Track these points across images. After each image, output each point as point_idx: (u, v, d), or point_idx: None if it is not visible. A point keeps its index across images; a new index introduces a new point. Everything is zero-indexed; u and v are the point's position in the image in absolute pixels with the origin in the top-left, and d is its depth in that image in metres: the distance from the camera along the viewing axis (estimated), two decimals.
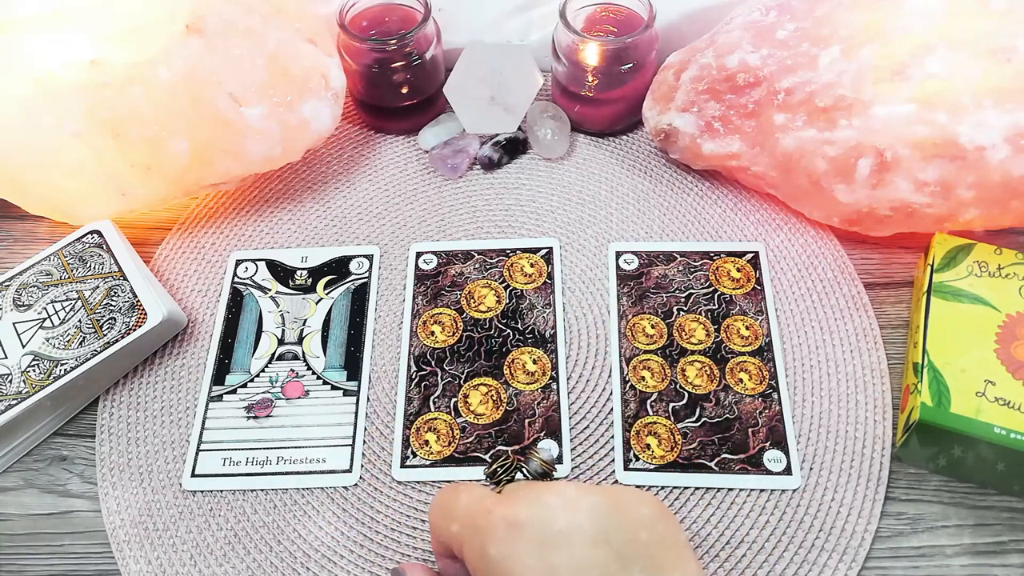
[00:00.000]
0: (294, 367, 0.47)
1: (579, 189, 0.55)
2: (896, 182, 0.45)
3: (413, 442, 0.44)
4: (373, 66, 0.54)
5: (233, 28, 0.49)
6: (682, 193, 0.55)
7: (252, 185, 0.56)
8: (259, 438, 0.44)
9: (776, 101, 0.48)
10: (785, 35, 0.49)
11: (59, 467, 0.44)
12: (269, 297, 0.50)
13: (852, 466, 0.42)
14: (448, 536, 0.31)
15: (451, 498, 0.32)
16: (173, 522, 0.42)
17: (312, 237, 0.53)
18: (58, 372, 0.44)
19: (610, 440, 0.44)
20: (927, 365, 0.41)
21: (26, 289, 0.48)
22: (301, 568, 0.40)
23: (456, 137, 0.57)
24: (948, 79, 0.44)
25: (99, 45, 0.47)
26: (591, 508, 0.29)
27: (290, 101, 0.50)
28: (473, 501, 0.31)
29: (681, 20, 0.58)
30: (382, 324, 0.49)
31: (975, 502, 0.41)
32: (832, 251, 0.51)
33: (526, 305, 0.49)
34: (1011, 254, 0.45)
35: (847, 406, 0.44)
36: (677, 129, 0.52)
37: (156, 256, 0.53)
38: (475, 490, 0.32)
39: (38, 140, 0.47)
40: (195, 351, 0.48)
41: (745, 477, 0.42)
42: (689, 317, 0.48)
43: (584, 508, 0.29)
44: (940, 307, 0.44)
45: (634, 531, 0.29)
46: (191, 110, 0.47)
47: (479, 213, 0.54)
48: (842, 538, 0.40)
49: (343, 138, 0.59)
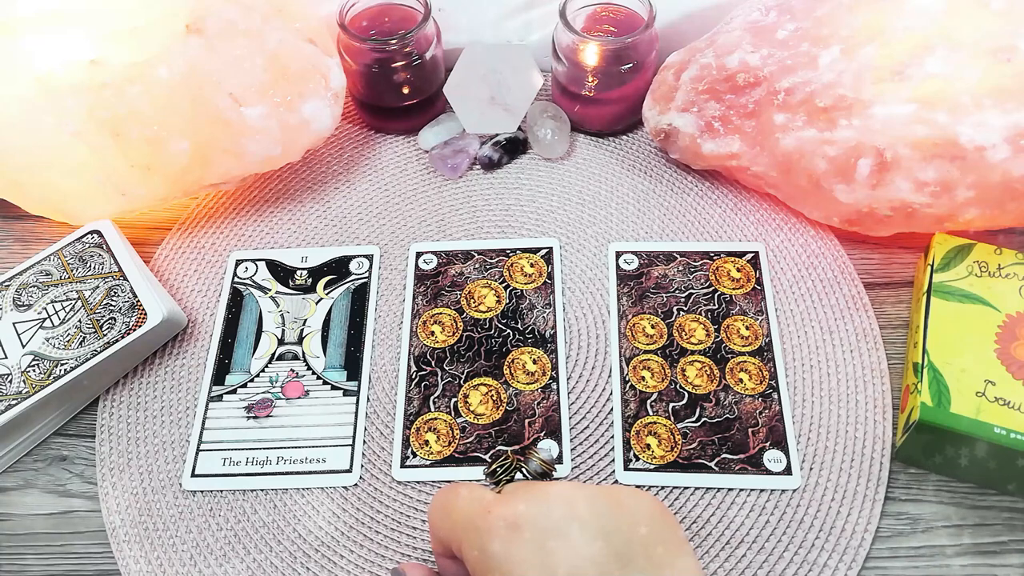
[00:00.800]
0: (294, 367, 0.47)
1: (579, 189, 0.55)
2: (896, 182, 0.45)
3: (413, 442, 0.44)
4: (373, 66, 0.54)
5: (233, 28, 0.49)
6: (682, 193, 0.55)
7: (252, 185, 0.56)
8: (259, 438, 0.44)
9: (776, 101, 0.48)
10: (785, 35, 0.49)
11: (59, 467, 0.44)
12: (269, 297, 0.50)
13: (852, 466, 0.42)
14: (447, 535, 0.31)
15: (450, 498, 0.32)
16: (173, 522, 0.42)
17: (312, 237, 0.53)
18: (58, 372, 0.44)
19: (610, 440, 0.44)
20: (927, 365, 0.41)
21: (26, 289, 0.48)
22: (301, 568, 0.40)
23: (456, 137, 0.57)
24: (948, 79, 0.44)
25: (99, 45, 0.47)
26: (589, 506, 0.29)
27: (290, 101, 0.50)
28: (472, 501, 0.31)
29: (681, 20, 0.58)
30: (382, 324, 0.49)
31: (975, 502, 0.41)
32: (832, 251, 0.51)
33: (526, 305, 0.49)
34: (1011, 254, 0.46)
35: (847, 406, 0.44)
36: (677, 129, 0.52)
37: (156, 256, 0.53)
38: (474, 490, 0.32)
39: (38, 140, 0.47)
40: (195, 351, 0.48)
41: (745, 477, 0.42)
42: (689, 317, 0.48)
43: (582, 506, 0.29)
44: (940, 307, 0.44)
45: (633, 528, 0.29)
46: (191, 110, 0.47)
47: (479, 213, 0.54)
48: (842, 538, 0.40)
49: (343, 138, 0.59)
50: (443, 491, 0.33)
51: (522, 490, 0.30)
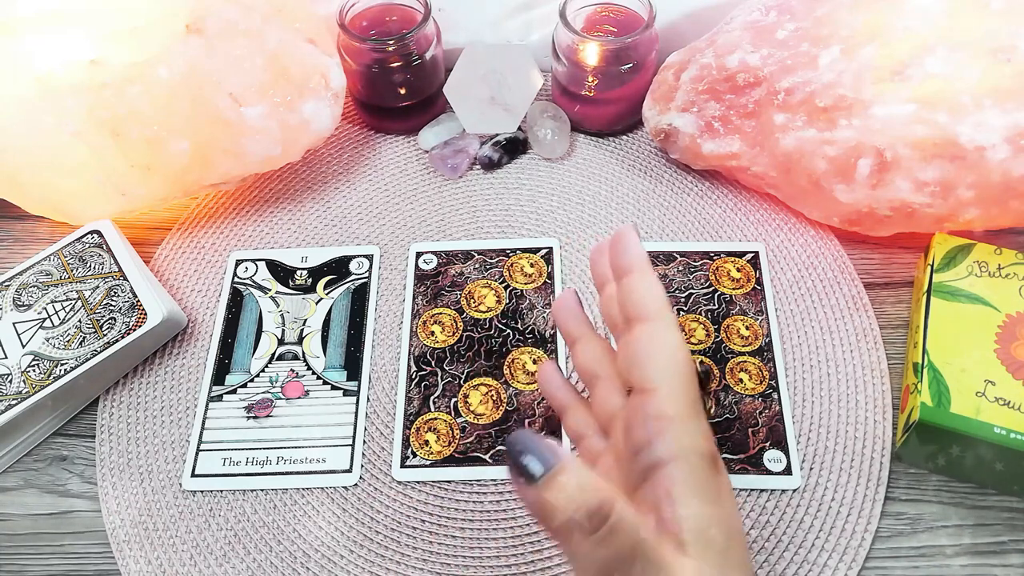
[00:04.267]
0: (294, 367, 0.47)
1: (579, 189, 0.55)
2: (896, 182, 0.45)
3: (413, 442, 0.44)
4: (373, 66, 0.54)
5: (233, 28, 0.49)
6: (682, 193, 0.55)
7: (252, 185, 0.56)
8: (259, 438, 0.44)
9: (776, 101, 0.48)
10: (785, 35, 0.49)
11: (59, 467, 0.44)
12: (269, 297, 0.50)
13: (852, 466, 0.42)
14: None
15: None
16: (173, 522, 0.42)
17: (312, 237, 0.53)
18: (58, 372, 0.44)
19: None
20: (927, 365, 0.41)
21: (26, 289, 0.48)
22: (301, 568, 0.40)
23: (456, 137, 0.57)
24: (948, 79, 0.44)
25: (99, 45, 0.47)
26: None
27: (290, 101, 0.50)
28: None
29: (681, 20, 0.58)
30: (382, 324, 0.49)
31: (975, 502, 0.41)
32: (832, 251, 0.51)
33: (526, 305, 0.49)
34: (1011, 254, 0.45)
35: (847, 406, 0.44)
36: (677, 129, 0.52)
37: (156, 256, 0.53)
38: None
39: (38, 140, 0.47)
40: (195, 351, 0.48)
41: (745, 477, 0.42)
42: (689, 317, 0.48)
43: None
44: (940, 307, 0.44)
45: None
46: (191, 110, 0.47)
47: (479, 213, 0.54)
48: (842, 538, 0.40)
49: (343, 138, 0.59)
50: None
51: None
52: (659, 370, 0.29)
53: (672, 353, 0.29)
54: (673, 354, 0.29)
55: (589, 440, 0.34)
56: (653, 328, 0.30)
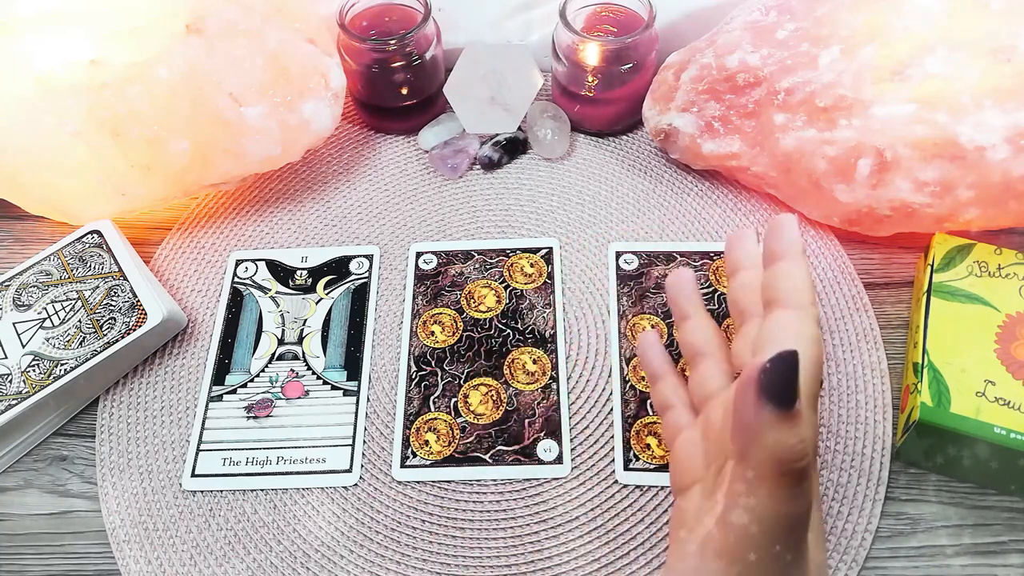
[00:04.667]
0: (294, 367, 0.47)
1: (579, 189, 0.55)
2: (896, 182, 0.45)
3: (413, 442, 0.44)
4: (373, 66, 0.54)
5: (233, 28, 0.49)
6: (682, 193, 0.55)
7: (252, 185, 0.56)
8: (259, 438, 0.44)
9: (776, 101, 0.48)
10: (785, 35, 0.49)
11: (59, 467, 0.44)
12: (269, 297, 0.50)
13: (852, 466, 0.42)
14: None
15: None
16: (173, 522, 0.42)
17: (312, 237, 0.53)
18: (58, 372, 0.44)
19: (610, 440, 0.44)
20: (927, 365, 0.41)
21: (26, 289, 0.48)
22: (301, 568, 0.40)
23: (456, 137, 0.57)
24: (948, 79, 0.44)
25: (99, 45, 0.47)
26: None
27: (290, 101, 0.50)
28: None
29: (681, 20, 0.58)
30: (382, 324, 0.49)
31: (975, 502, 0.41)
32: (832, 251, 0.51)
33: (526, 305, 0.49)
34: (1011, 254, 0.45)
35: (847, 406, 0.44)
36: (677, 129, 0.52)
37: (156, 256, 0.53)
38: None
39: (38, 140, 0.47)
40: (195, 351, 0.48)
41: None
42: None
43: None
44: (940, 307, 0.44)
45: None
46: (191, 110, 0.47)
47: (479, 213, 0.54)
48: (842, 538, 0.40)
49: (343, 138, 0.59)
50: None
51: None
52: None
53: (808, 345, 0.29)
54: (809, 346, 0.29)
55: (676, 411, 0.36)
56: (796, 316, 0.30)
